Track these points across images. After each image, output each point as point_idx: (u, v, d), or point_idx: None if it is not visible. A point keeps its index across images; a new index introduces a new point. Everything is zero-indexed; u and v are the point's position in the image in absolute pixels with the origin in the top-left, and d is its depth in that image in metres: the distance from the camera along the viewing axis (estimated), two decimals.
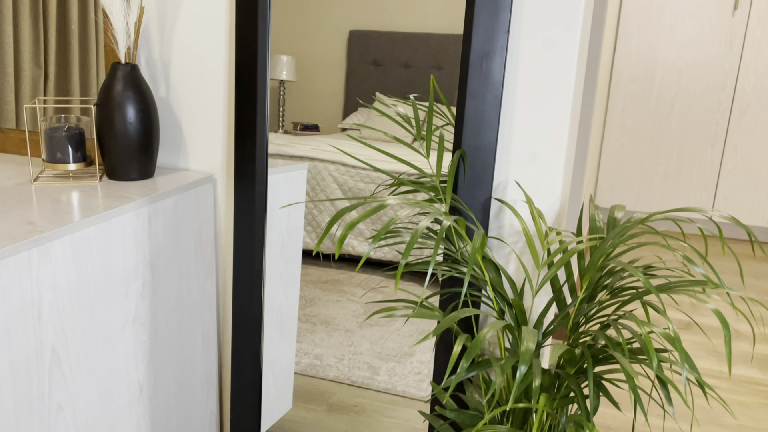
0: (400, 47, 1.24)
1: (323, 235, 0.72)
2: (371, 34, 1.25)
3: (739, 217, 3.51)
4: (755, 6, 3.26)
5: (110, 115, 1.19)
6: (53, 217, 1.01)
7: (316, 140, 1.36)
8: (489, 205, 1.13)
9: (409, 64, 1.24)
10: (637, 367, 2.17)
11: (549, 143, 1.14)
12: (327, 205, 1.44)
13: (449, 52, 1.18)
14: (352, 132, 1.34)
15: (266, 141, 1.27)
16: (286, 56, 1.30)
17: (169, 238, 1.22)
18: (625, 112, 3.59)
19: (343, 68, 1.28)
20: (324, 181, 1.41)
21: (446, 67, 1.20)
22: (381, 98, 1.27)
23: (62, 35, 1.34)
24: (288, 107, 1.33)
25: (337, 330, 1.51)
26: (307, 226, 1.46)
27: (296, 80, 1.31)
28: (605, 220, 3.85)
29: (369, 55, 1.26)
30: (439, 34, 1.19)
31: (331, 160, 1.38)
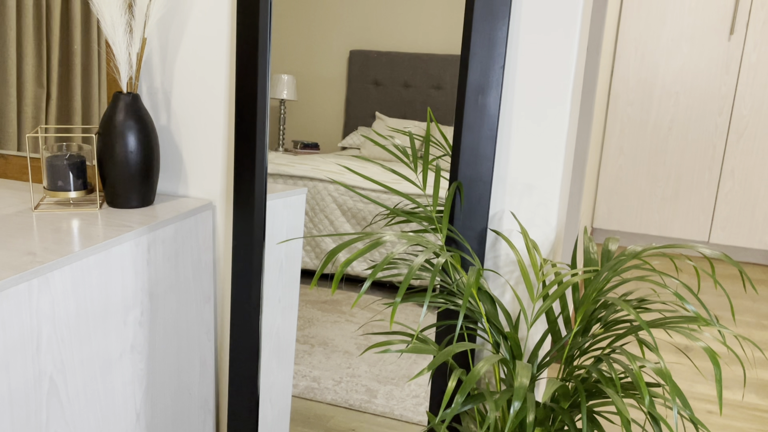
0: (400, 67, 1.25)
1: (319, 272, 0.73)
2: (371, 54, 1.27)
3: (737, 240, 3.52)
4: (751, 31, 3.30)
5: (112, 144, 1.21)
6: (53, 246, 1.02)
7: (316, 160, 1.37)
8: (485, 236, 1.14)
9: (409, 84, 1.25)
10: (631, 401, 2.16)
11: (544, 175, 1.15)
12: (327, 224, 1.45)
13: (448, 72, 1.20)
14: (352, 151, 1.35)
15: (265, 170, 1.28)
16: (287, 75, 1.32)
17: (168, 265, 1.23)
18: (622, 134, 3.61)
19: (344, 87, 1.30)
20: (323, 201, 1.42)
21: (446, 87, 1.22)
22: (381, 117, 1.29)
23: (65, 55, 1.36)
24: (288, 126, 1.34)
25: (335, 352, 1.51)
26: (306, 246, 1.47)
27: (297, 99, 1.33)
28: (602, 242, 3.87)
29: (369, 74, 1.28)
30: (438, 54, 1.21)
31: (330, 180, 1.40)
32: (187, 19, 1.31)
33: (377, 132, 1.28)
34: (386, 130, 1.30)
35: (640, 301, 0.95)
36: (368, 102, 1.29)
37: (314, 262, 1.47)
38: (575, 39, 1.09)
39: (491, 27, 1.08)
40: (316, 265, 1.49)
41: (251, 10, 1.20)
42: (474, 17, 1.07)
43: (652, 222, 3.65)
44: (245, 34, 1.22)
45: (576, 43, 1.09)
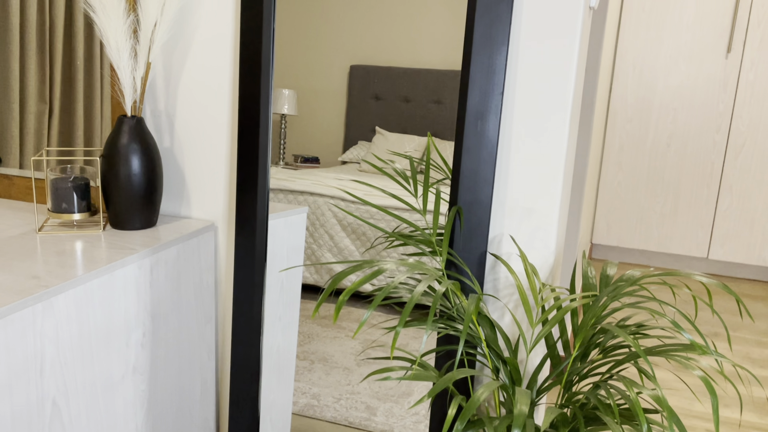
0: (400, 82, 1.27)
1: (319, 303, 0.74)
2: (372, 68, 1.28)
3: (736, 256, 3.53)
4: (748, 49, 3.33)
5: (115, 167, 1.23)
6: (57, 270, 1.03)
7: (317, 174, 1.38)
8: (484, 259, 1.16)
9: (409, 99, 1.27)
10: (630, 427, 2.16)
11: (543, 199, 1.16)
12: (326, 240, 1.46)
13: (448, 86, 1.21)
14: (353, 165, 1.36)
15: (267, 192, 1.30)
16: (288, 90, 1.33)
17: (170, 286, 1.24)
18: (621, 151, 3.63)
19: (344, 102, 1.31)
20: (323, 216, 1.43)
21: (445, 102, 1.23)
22: (381, 132, 1.30)
23: (67, 71, 1.37)
24: (289, 140, 1.35)
25: (335, 368, 1.52)
26: (307, 261, 1.48)
27: (297, 114, 1.34)
28: (601, 257, 3.88)
29: (370, 89, 1.29)
30: (438, 69, 1.22)
31: (330, 195, 1.40)
32: (190, 44, 1.33)
33: (377, 156, 1.29)
34: (386, 149, 1.31)
35: (638, 326, 0.96)
36: (368, 116, 1.31)
37: (314, 277, 1.48)
38: (573, 66, 1.11)
39: (490, 54, 1.09)
40: (316, 280, 1.49)
41: (254, 36, 1.22)
42: (473, 45, 1.09)
43: (652, 238, 3.67)
44: (248, 61, 1.23)
45: (574, 69, 1.11)
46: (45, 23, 1.37)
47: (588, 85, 2.21)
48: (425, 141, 1.25)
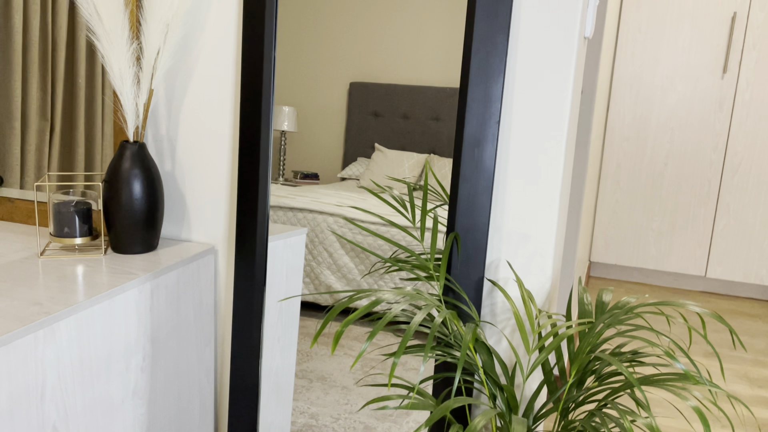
0: (399, 99, 1.28)
1: (320, 330, 0.75)
2: (371, 86, 1.29)
3: (734, 275, 3.54)
4: (744, 69, 3.36)
5: (117, 192, 1.24)
6: (59, 296, 1.05)
7: (317, 191, 1.39)
8: (482, 284, 1.17)
9: (408, 116, 1.28)
10: None
11: (539, 225, 1.18)
12: (326, 257, 1.47)
13: (446, 104, 1.23)
14: (352, 182, 1.37)
15: (267, 217, 1.31)
16: (288, 107, 1.34)
17: (171, 310, 1.25)
18: (619, 169, 3.65)
19: (344, 119, 1.32)
20: (323, 234, 1.44)
21: (444, 119, 1.24)
22: (380, 149, 1.31)
23: (69, 88, 1.39)
24: (289, 156, 1.36)
25: (333, 387, 1.52)
26: (305, 278, 1.49)
27: (297, 130, 1.35)
28: (599, 275, 3.88)
29: (369, 106, 1.31)
30: (436, 87, 1.24)
31: (330, 213, 1.41)
32: (192, 70, 1.35)
33: (376, 183, 1.30)
34: (385, 166, 1.32)
35: (633, 353, 0.97)
36: (368, 133, 1.32)
37: (313, 295, 1.49)
38: (568, 95, 1.13)
39: (487, 84, 1.11)
40: (315, 298, 1.50)
41: (255, 63, 1.24)
42: (470, 75, 1.11)
43: (649, 256, 3.68)
44: (249, 90, 1.25)
45: (569, 98, 1.13)
46: (47, 41, 1.39)
47: (585, 105, 2.24)
48: (424, 158, 1.26)
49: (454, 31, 1.17)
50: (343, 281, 1.45)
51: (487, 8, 1.09)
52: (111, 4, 1.20)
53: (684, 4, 3.41)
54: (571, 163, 1.33)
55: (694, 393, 0.79)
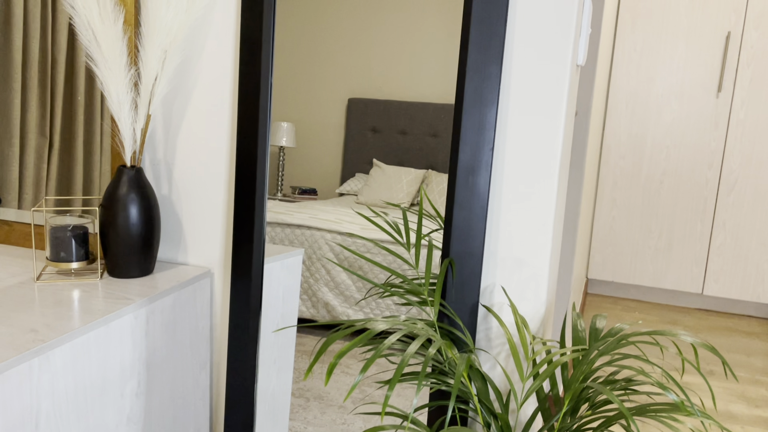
0: (397, 115, 1.29)
1: (313, 362, 0.76)
2: (369, 102, 1.30)
3: (731, 292, 3.55)
4: (738, 88, 3.39)
5: (114, 217, 1.25)
6: (54, 322, 1.05)
7: (314, 208, 1.39)
8: (476, 310, 1.17)
9: (406, 132, 1.29)
10: None
11: (533, 251, 1.19)
12: (323, 274, 1.47)
13: (444, 120, 1.24)
14: (350, 197, 1.38)
15: (263, 241, 1.32)
16: (287, 123, 1.35)
17: (166, 335, 1.25)
18: (615, 187, 3.67)
19: (342, 134, 1.33)
20: (320, 250, 1.44)
21: (441, 135, 1.25)
22: (378, 164, 1.32)
23: (68, 106, 1.40)
24: (287, 171, 1.37)
25: (330, 406, 1.52)
26: (303, 295, 1.49)
27: (296, 146, 1.36)
28: (597, 292, 3.89)
29: (367, 122, 1.31)
30: (434, 103, 1.24)
31: (327, 229, 1.42)
32: (190, 96, 1.36)
33: (372, 209, 1.31)
34: (383, 182, 1.33)
35: (627, 381, 0.98)
36: (366, 149, 1.33)
37: (311, 311, 1.49)
38: (561, 120, 1.14)
39: (480, 112, 1.13)
40: (312, 314, 1.50)
41: (252, 92, 1.26)
42: (464, 103, 1.13)
43: (646, 273, 3.68)
44: (246, 117, 1.27)
45: (562, 124, 1.14)
46: (47, 59, 1.40)
47: (580, 125, 2.25)
48: (422, 174, 1.27)
49: (453, 48, 1.19)
50: (341, 298, 1.46)
51: (480, 39, 1.10)
52: (109, 31, 1.22)
53: (679, 24, 3.44)
54: (566, 187, 1.34)
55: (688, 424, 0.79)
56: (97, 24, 1.21)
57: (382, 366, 1.45)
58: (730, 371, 0.75)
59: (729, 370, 0.87)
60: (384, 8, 1.25)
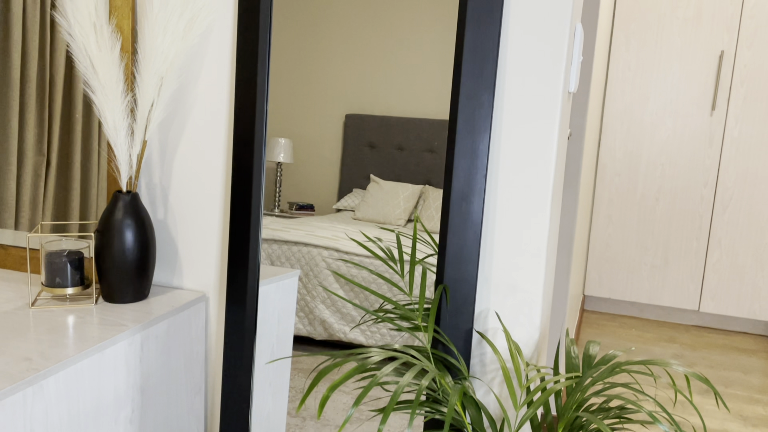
0: (394, 131, 1.30)
1: (305, 396, 0.76)
2: (366, 117, 1.31)
3: (727, 309, 3.55)
4: (732, 106, 3.41)
5: (110, 242, 1.25)
6: (49, 350, 1.05)
7: (311, 224, 1.40)
8: (470, 335, 1.18)
9: (403, 147, 1.30)
10: None
11: (527, 276, 1.19)
12: (320, 291, 1.47)
13: (441, 136, 1.24)
14: (347, 213, 1.38)
15: (258, 265, 1.32)
16: (284, 139, 1.36)
17: (161, 360, 1.25)
18: (611, 204, 3.68)
19: (339, 150, 1.34)
20: (317, 267, 1.44)
21: (438, 151, 1.26)
22: (375, 180, 1.32)
23: (66, 124, 1.41)
24: (284, 187, 1.37)
25: (326, 426, 1.51)
26: (299, 312, 1.49)
27: (293, 161, 1.36)
28: (593, 309, 3.89)
29: (364, 137, 1.32)
30: (431, 119, 1.25)
31: (324, 246, 1.42)
32: (186, 121, 1.37)
33: (366, 235, 1.32)
34: (380, 197, 1.33)
35: (620, 409, 0.98)
36: (363, 164, 1.33)
37: (307, 329, 1.49)
38: (553, 148, 1.15)
39: (473, 139, 1.14)
40: (309, 332, 1.50)
41: (248, 121, 1.27)
42: (457, 131, 1.14)
43: (643, 290, 3.69)
44: (241, 144, 1.28)
45: (554, 152, 1.15)
46: (45, 78, 1.41)
47: (574, 146, 2.27)
48: (419, 189, 1.27)
49: (449, 65, 1.20)
50: (338, 315, 1.46)
51: (472, 68, 1.12)
52: (106, 59, 1.23)
53: (672, 43, 3.48)
54: (559, 212, 1.35)
55: None
56: (94, 51, 1.22)
57: (376, 389, 1.45)
58: (722, 402, 0.75)
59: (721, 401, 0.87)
60: (380, 25, 1.26)
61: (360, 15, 1.27)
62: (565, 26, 1.11)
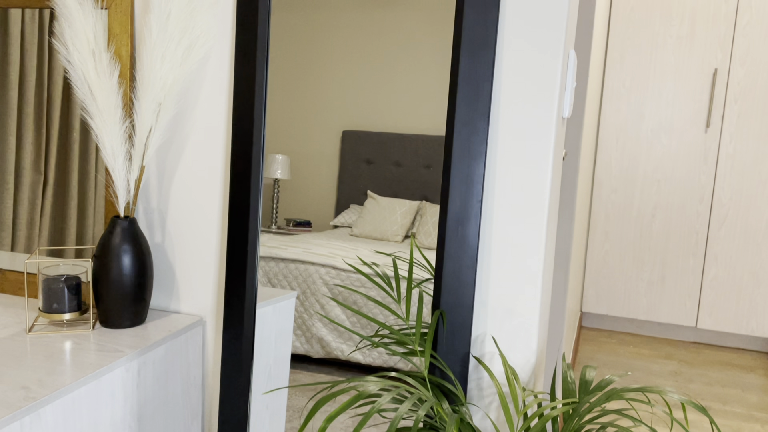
0: (391, 147, 1.30)
1: (303, 425, 0.76)
2: (363, 134, 1.32)
3: (725, 326, 3.55)
4: (726, 123, 3.44)
5: (107, 268, 1.25)
6: (46, 378, 1.05)
7: (308, 241, 1.40)
8: (468, 360, 1.18)
9: (400, 163, 1.30)
10: None
11: (523, 301, 1.20)
12: (317, 309, 1.47)
13: (438, 152, 1.25)
14: (344, 230, 1.38)
15: (255, 290, 1.32)
16: (281, 155, 1.36)
17: (158, 386, 1.25)
18: (608, 220, 3.70)
19: (336, 166, 1.34)
20: (314, 285, 1.44)
21: (435, 166, 1.26)
22: (373, 196, 1.33)
23: (63, 143, 1.41)
24: (281, 203, 1.38)
25: None
26: (297, 330, 1.49)
27: (290, 178, 1.37)
28: (591, 325, 3.89)
29: (361, 154, 1.33)
30: (427, 135, 1.26)
31: (321, 264, 1.42)
32: (184, 146, 1.38)
33: (363, 260, 1.32)
34: (377, 213, 1.33)
35: None
36: (360, 180, 1.34)
37: (305, 347, 1.48)
38: (548, 172, 1.16)
39: (469, 165, 1.15)
40: (306, 350, 1.50)
41: (245, 150, 1.28)
42: (453, 157, 1.15)
43: (640, 306, 3.69)
44: (239, 172, 1.28)
45: (549, 176, 1.16)
46: (43, 96, 1.42)
47: (569, 167, 2.28)
48: (416, 205, 1.28)
49: (445, 81, 1.21)
50: (335, 333, 1.46)
51: (467, 95, 1.13)
52: (105, 85, 1.24)
53: (666, 61, 3.51)
54: (555, 234, 1.35)
55: None
56: (93, 78, 1.24)
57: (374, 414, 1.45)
58: (718, 429, 0.76)
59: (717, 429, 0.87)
60: (377, 41, 1.27)
61: (356, 32, 1.29)
62: (558, 54, 1.13)
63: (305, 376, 1.51)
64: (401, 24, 1.26)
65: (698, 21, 3.43)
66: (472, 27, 1.13)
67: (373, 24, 1.28)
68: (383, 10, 1.27)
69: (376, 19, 1.28)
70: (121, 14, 1.33)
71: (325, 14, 1.31)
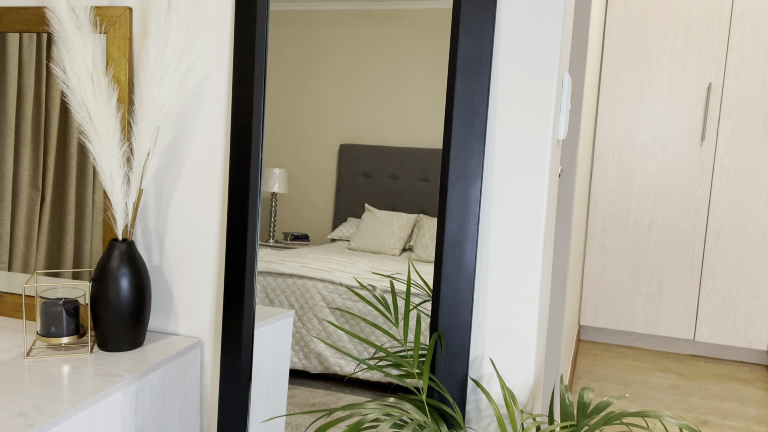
0: (388, 160, 1.31)
1: None
2: (361, 147, 1.32)
3: (722, 338, 3.56)
4: (721, 137, 3.46)
5: (105, 290, 1.26)
6: (44, 404, 1.05)
7: (306, 255, 1.40)
8: (466, 382, 1.18)
9: (397, 176, 1.31)
10: None
11: (521, 322, 1.20)
12: (315, 324, 1.47)
13: (435, 165, 1.25)
14: (342, 243, 1.38)
15: (253, 312, 1.32)
16: (279, 169, 1.37)
17: (156, 409, 1.25)
18: (604, 233, 3.71)
19: (334, 180, 1.35)
20: (312, 300, 1.44)
21: (432, 179, 1.27)
22: (370, 209, 1.33)
23: (61, 158, 1.42)
24: (279, 217, 1.38)
25: None
26: (295, 345, 1.48)
27: (288, 192, 1.37)
28: (589, 338, 3.89)
29: (359, 167, 1.33)
30: (425, 148, 1.26)
31: (319, 278, 1.42)
32: (182, 170, 1.39)
33: (360, 282, 1.33)
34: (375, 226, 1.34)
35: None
36: (358, 194, 1.34)
37: (303, 362, 1.48)
38: (544, 194, 1.17)
39: (465, 187, 1.15)
40: (305, 365, 1.50)
41: (243, 173, 1.28)
42: (449, 179, 1.16)
43: (638, 319, 3.69)
44: (236, 194, 1.29)
45: (545, 197, 1.17)
46: (41, 113, 1.42)
47: (565, 183, 2.29)
48: (413, 218, 1.28)
49: (441, 95, 1.22)
50: (333, 348, 1.46)
51: (463, 119, 1.14)
52: (104, 109, 1.25)
53: (661, 75, 3.54)
54: (551, 256, 1.36)
55: None
56: (91, 102, 1.24)
57: None
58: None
59: None
60: (374, 55, 1.28)
61: (353, 46, 1.30)
62: (552, 79, 1.14)
63: (303, 392, 1.51)
64: (398, 38, 1.27)
65: (692, 35, 3.46)
66: (466, 53, 1.14)
67: (369, 38, 1.29)
68: (380, 25, 1.29)
69: (372, 33, 1.29)
70: (119, 39, 1.34)
71: (321, 29, 1.33)
